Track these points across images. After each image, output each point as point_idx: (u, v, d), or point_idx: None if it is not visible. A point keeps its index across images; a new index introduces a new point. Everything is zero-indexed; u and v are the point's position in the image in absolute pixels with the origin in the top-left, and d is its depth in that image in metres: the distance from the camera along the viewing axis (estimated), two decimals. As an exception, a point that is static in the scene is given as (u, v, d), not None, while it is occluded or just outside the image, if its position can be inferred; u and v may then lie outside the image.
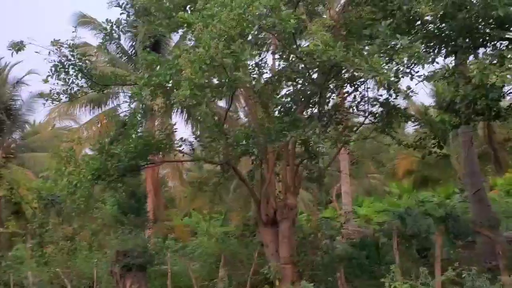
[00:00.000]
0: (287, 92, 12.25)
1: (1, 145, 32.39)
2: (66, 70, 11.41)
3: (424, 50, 8.71)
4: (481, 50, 9.64)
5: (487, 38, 9.33)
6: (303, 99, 11.42)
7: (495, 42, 9.42)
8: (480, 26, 9.17)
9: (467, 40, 9.30)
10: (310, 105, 12.28)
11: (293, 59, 11.26)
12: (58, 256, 16.63)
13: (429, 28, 9.25)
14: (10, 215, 32.37)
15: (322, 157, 13.62)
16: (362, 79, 11.33)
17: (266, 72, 12.80)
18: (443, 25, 9.28)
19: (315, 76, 11.18)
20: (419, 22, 9.16)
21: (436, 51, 9.63)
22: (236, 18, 7.82)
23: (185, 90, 7.75)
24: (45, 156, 36.08)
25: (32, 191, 17.18)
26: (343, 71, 10.68)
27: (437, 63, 9.62)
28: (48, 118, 30.55)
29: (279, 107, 12.24)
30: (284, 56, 11.83)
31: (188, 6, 10.48)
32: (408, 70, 8.87)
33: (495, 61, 8.39)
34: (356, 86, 12.08)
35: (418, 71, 9.23)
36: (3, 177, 21.34)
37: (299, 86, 12.13)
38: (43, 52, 10.95)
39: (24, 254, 18.96)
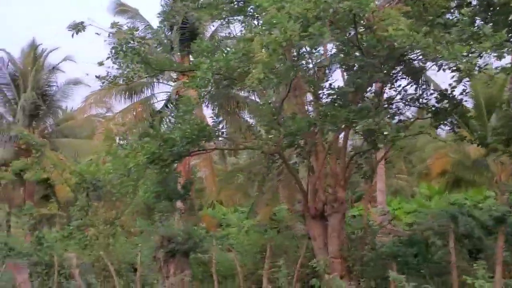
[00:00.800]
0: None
1: (36, 130, 32.94)
2: (125, 53, 11.34)
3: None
4: None
5: None
6: (358, 89, 11.06)
7: None
8: None
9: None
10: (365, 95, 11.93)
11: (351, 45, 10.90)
12: (100, 239, 16.72)
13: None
14: (40, 198, 32.97)
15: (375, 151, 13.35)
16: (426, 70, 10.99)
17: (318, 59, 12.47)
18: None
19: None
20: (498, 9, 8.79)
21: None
22: (314, 0, 7.62)
23: (259, 73, 7.59)
24: (78, 141, 36.77)
25: (75, 175, 17.23)
26: (412, 60, 10.35)
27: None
28: (84, 105, 30.74)
29: (333, 95, 11.88)
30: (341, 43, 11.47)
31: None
32: (492, 60, 8.52)
33: None
34: (419, 77, 11.74)
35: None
36: (41, 161, 21.58)
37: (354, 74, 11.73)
38: (87, 37, 10.80)
39: (56, 236, 19.08)
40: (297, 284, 12.76)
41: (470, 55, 7.70)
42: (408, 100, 12.26)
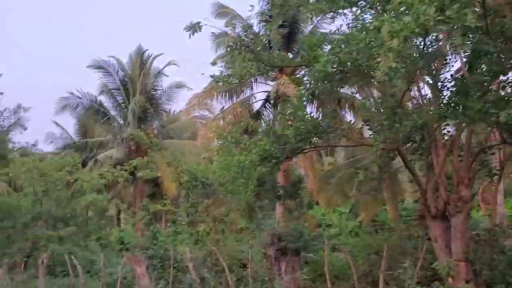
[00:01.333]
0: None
1: (144, 132, 34.83)
2: (240, 50, 11.44)
3: None
4: None
5: None
6: (493, 77, 10.11)
7: None
8: None
9: None
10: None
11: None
12: (211, 235, 17.19)
13: None
14: (147, 196, 34.77)
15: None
16: None
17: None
18: None
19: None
20: None
21: None
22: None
23: (390, 62, 7.18)
24: (182, 142, 38.35)
25: (187, 173, 17.91)
26: None
27: None
28: (188, 107, 31.92)
29: (458, 86, 11.01)
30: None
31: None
32: None
33: None
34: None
35: None
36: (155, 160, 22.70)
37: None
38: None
39: (168, 231, 19.78)
40: (418, 287, 12.06)
41: None
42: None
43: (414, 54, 8.90)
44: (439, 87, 11.62)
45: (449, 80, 11.33)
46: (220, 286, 14.81)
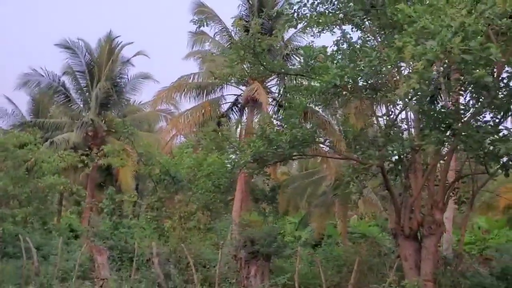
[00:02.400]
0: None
1: (105, 119, 33.92)
2: (244, 50, 11.47)
3: None
4: None
5: None
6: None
7: None
8: None
9: None
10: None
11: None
12: (176, 231, 16.97)
13: None
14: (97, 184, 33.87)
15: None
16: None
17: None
18: None
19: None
20: None
21: None
22: (474, 14, 7.49)
23: (414, 83, 7.48)
24: (144, 134, 37.63)
25: (159, 167, 17.60)
26: None
27: None
28: (156, 99, 31.45)
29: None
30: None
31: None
32: None
33: None
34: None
35: None
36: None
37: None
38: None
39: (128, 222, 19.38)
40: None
41: None
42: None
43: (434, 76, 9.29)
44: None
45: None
46: (185, 285, 14.63)
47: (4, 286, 14.37)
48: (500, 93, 10.09)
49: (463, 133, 9.68)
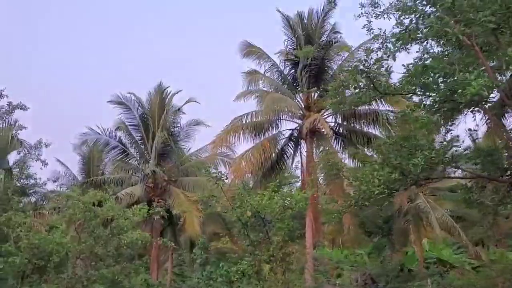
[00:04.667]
0: None
1: (166, 170, 33.78)
2: (362, 75, 10.88)
3: None
4: None
5: None
6: None
7: None
8: None
9: None
10: None
11: None
12: (278, 275, 16.08)
13: None
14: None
15: None
16: None
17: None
18: None
19: None
20: None
21: None
22: None
23: None
24: (199, 180, 37.31)
25: (250, 209, 16.88)
26: None
27: None
28: (216, 144, 31.26)
29: None
30: None
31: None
32: None
33: None
34: None
35: None
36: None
37: None
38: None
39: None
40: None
41: None
42: None
43: None
44: None
45: None
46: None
47: None
48: None
49: None
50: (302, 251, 19.63)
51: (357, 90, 11.24)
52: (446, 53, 11.79)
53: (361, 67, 10.89)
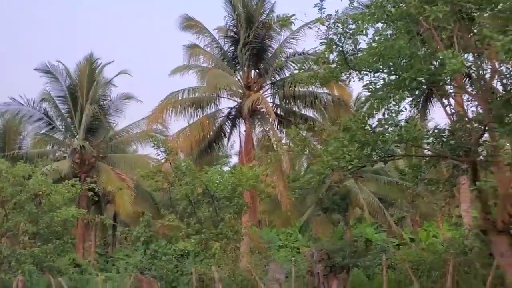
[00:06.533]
0: None
1: (94, 145, 31.92)
2: (341, 48, 10.61)
3: None
4: None
5: None
6: None
7: None
8: None
9: None
10: None
11: None
12: (227, 252, 15.69)
13: None
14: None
15: None
16: None
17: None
18: None
19: None
20: None
21: None
22: None
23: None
24: (133, 156, 35.70)
25: (202, 186, 16.26)
26: None
27: None
28: (151, 118, 29.92)
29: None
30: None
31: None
32: None
33: None
34: None
35: None
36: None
37: None
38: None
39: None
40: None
41: None
42: None
43: None
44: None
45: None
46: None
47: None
48: None
49: None
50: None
51: (331, 65, 11.06)
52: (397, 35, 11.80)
53: (336, 40, 10.71)
